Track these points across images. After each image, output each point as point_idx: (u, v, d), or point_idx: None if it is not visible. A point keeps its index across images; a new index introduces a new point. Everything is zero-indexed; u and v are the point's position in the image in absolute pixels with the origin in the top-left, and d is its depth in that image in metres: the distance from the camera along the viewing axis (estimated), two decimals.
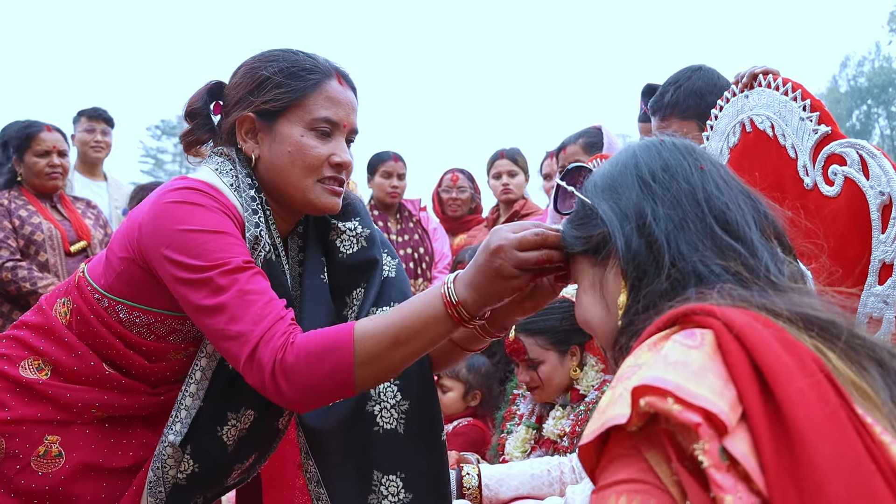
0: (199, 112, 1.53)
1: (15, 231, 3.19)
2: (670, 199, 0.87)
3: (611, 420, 0.68)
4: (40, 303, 1.53)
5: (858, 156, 1.48)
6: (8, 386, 1.43)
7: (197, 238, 1.32)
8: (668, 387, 0.65)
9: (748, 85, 1.80)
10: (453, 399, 2.73)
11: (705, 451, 0.62)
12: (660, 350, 0.72)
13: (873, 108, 39.90)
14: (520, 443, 2.28)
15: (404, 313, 1.27)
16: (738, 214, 0.87)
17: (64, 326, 1.46)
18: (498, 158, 4.00)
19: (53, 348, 1.45)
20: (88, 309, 1.45)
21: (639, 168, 0.91)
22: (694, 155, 0.92)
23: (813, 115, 1.60)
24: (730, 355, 0.69)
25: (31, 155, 3.30)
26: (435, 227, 3.98)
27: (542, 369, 2.22)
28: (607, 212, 0.90)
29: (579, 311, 0.97)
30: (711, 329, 0.72)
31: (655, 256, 0.84)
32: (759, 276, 0.83)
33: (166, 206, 1.36)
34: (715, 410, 0.63)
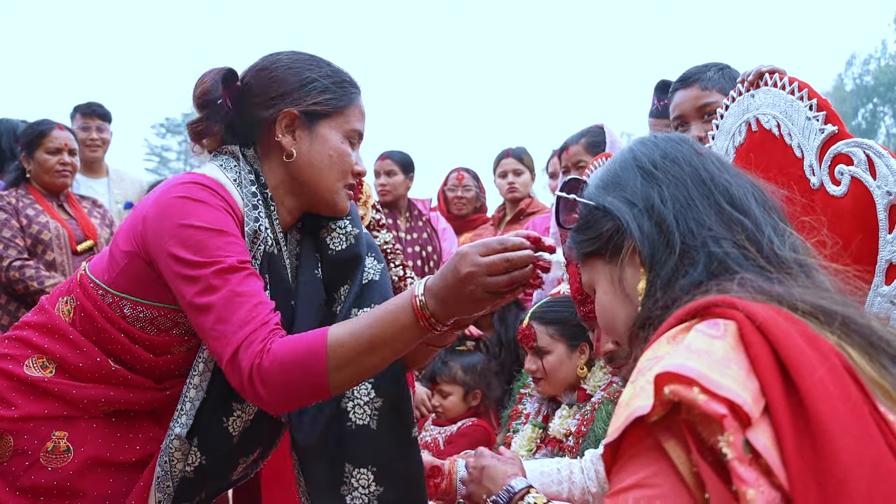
0: (213, 101, 1.52)
1: (22, 230, 3.19)
2: (674, 182, 0.88)
3: (634, 412, 0.67)
4: (42, 303, 1.54)
5: (865, 155, 1.48)
6: (13, 385, 1.45)
7: (197, 234, 1.35)
8: (692, 375, 0.64)
9: (754, 84, 1.80)
10: (455, 402, 2.73)
11: (729, 444, 0.62)
12: (681, 341, 0.71)
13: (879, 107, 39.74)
14: (525, 441, 2.28)
15: (376, 320, 1.32)
16: (739, 190, 0.88)
17: (68, 325, 1.48)
18: (504, 157, 4.00)
19: (58, 346, 1.47)
20: (93, 306, 1.46)
21: (638, 160, 0.93)
22: (689, 143, 0.95)
23: (819, 114, 1.59)
24: (752, 347, 0.68)
25: (42, 152, 3.30)
26: (444, 228, 3.98)
27: (547, 359, 2.22)
28: (614, 202, 0.91)
29: (603, 314, 0.96)
30: (734, 321, 0.71)
31: (666, 237, 0.85)
32: (763, 248, 0.83)
33: (171, 199, 1.39)
34: (739, 402, 0.63)
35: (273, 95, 1.52)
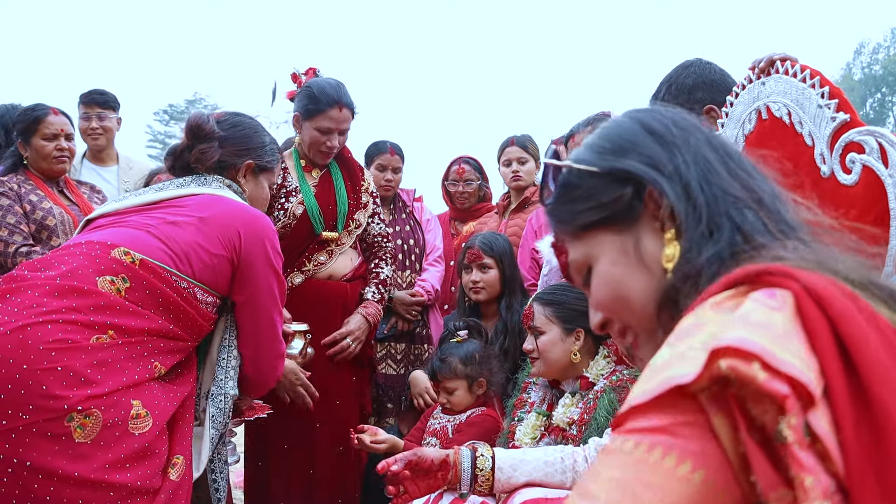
0: (212, 136, 2.10)
1: (26, 216, 3.15)
2: (691, 148, 0.84)
3: (673, 379, 0.61)
4: (77, 286, 1.60)
5: (878, 144, 1.46)
6: (86, 362, 1.52)
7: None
8: (754, 349, 0.59)
9: (765, 71, 1.78)
10: (462, 396, 2.72)
11: (791, 426, 0.57)
12: (730, 309, 0.66)
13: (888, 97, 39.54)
14: (530, 429, 2.28)
15: None
16: (746, 159, 0.86)
17: (122, 299, 1.65)
18: (508, 146, 3.96)
19: (117, 318, 1.62)
20: (167, 287, 1.73)
21: (648, 125, 0.87)
22: (690, 116, 0.91)
23: (831, 102, 1.58)
24: (811, 322, 0.63)
25: (38, 138, 3.24)
26: (429, 219, 3.90)
27: (541, 339, 2.26)
28: (639, 167, 0.84)
29: (609, 289, 0.87)
30: (791, 291, 0.66)
31: (693, 202, 0.80)
32: (773, 212, 0.80)
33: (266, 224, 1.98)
34: (804, 381, 0.58)
35: (243, 148, 2.10)
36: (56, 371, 1.47)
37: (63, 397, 1.46)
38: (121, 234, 1.77)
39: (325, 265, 2.94)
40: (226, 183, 2.03)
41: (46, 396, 1.45)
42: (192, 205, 1.89)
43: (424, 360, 3.42)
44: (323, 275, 2.94)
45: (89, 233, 1.83)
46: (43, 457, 1.44)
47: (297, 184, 2.94)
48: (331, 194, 2.98)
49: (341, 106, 2.86)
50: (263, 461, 2.90)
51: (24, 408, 1.44)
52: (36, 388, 1.45)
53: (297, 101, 2.96)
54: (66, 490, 1.45)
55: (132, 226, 1.81)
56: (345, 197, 2.98)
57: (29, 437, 1.43)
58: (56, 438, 1.45)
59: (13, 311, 1.52)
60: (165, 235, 1.78)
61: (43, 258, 1.72)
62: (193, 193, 1.94)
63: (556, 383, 2.34)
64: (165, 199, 1.92)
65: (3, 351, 1.46)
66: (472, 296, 3.06)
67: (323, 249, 2.94)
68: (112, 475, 1.50)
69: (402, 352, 3.46)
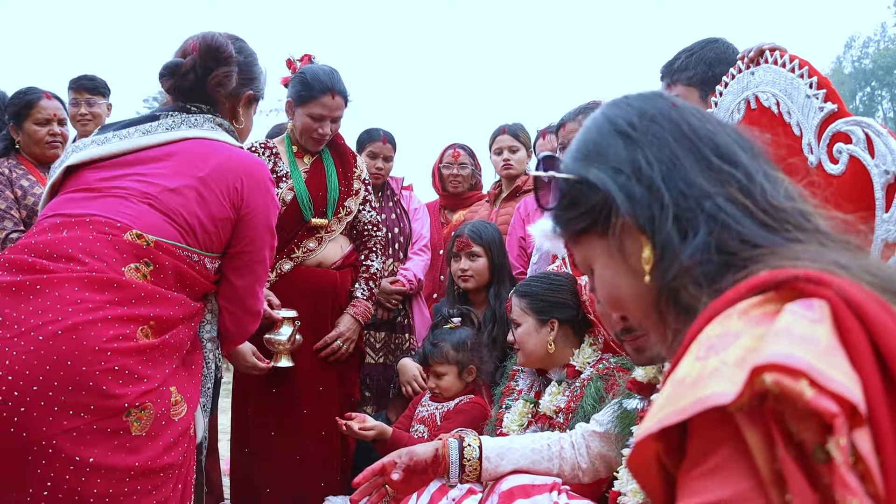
0: (229, 59, 1.96)
1: (17, 201, 3.11)
2: (656, 142, 0.82)
3: (711, 399, 0.58)
4: (112, 278, 1.58)
5: (864, 134, 1.47)
6: (139, 360, 1.55)
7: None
8: (801, 366, 0.56)
9: (754, 61, 1.78)
10: (451, 381, 2.73)
11: (839, 447, 0.54)
12: (763, 320, 0.63)
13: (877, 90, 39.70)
14: (517, 417, 2.30)
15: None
16: (724, 139, 0.83)
17: (151, 285, 1.65)
18: (499, 134, 3.95)
19: (156, 309, 1.63)
20: (183, 264, 1.73)
21: (614, 123, 0.86)
22: (663, 97, 0.89)
23: (819, 92, 1.58)
24: (850, 334, 0.60)
25: (30, 123, 3.21)
26: (416, 207, 3.87)
27: (518, 331, 2.30)
28: (597, 173, 0.84)
29: (605, 291, 0.89)
30: (826, 301, 0.62)
31: (659, 200, 0.79)
32: (757, 199, 0.78)
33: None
34: (854, 400, 0.55)
35: (249, 77, 1.99)
36: (114, 371, 1.49)
37: (121, 395, 1.49)
38: (125, 210, 1.69)
39: (314, 252, 2.93)
40: (216, 122, 1.90)
41: (106, 396, 1.47)
42: (188, 157, 1.79)
43: (405, 350, 3.42)
44: (312, 262, 2.93)
45: (86, 200, 1.71)
46: (104, 453, 1.47)
47: (287, 169, 2.93)
48: (322, 181, 2.96)
49: (334, 93, 2.85)
50: (250, 448, 2.90)
51: (84, 408, 1.45)
52: (96, 388, 1.47)
53: (291, 88, 2.94)
54: (124, 483, 1.49)
55: (133, 196, 1.71)
56: (336, 184, 2.97)
57: (90, 434, 1.46)
58: (115, 434, 1.49)
59: (56, 307, 1.49)
60: (169, 209, 1.72)
61: (51, 241, 1.61)
62: (185, 137, 1.82)
63: (544, 371, 2.35)
64: (156, 146, 1.80)
65: (58, 353, 1.45)
66: (461, 284, 3.06)
67: (312, 236, 2.93)
68: (162, 461, 1.56)
69: (381, 340, 3.45)
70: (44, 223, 1.68)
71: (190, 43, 1.91)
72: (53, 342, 1.45)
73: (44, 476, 1.42)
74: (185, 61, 1.88)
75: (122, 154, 1.79)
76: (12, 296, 1.50)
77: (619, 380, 2.04)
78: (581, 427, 1.93)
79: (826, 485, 0.55)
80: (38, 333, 1.46)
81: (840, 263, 0.68)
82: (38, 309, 1.49)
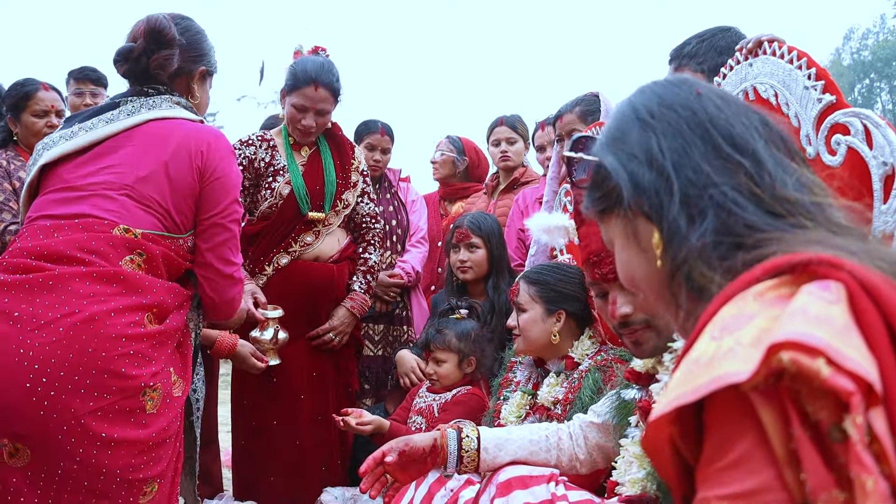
0: (171, 41, 1.98)
1: (15, 193, 3.08)
2: (671, 130, 0.84)
3: (726, 377, 0.59)
4: (116, 272, 1.71)
5: (863, 125, 1.47)
6: (149, 343, 1.71)
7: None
8: (818, 344, 0.56)
9: (752, 52, 1.78)
10: (450, 370, 2.73)
11: (856, 425, 0.54)
12: (778, 301, 0.64)
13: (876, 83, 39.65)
14: (515, 408, 2.30)
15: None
16: (741, 128, 0.83)
17: (145, 274, 1.77)
18: (497, 125, 3.94)
19: (159, 297, 1.76)
20: (173, 254, 1.84)
21: (636, 110, 0.89)
22: (688, 83, 0.90)
23: (818, 83, 1.58)
24: (865, 315, 0.60)
25: (28, 114, 3.19)
26: (414, 199, 3.87)
27: (523, 316, 2.29)
28: (611, 161, 0.87)
29: (622, 271, 0.92)
30: (842, 283, 0.63)
31: (670, 189, 0.81)
32: (766, 187, 0.79)
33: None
34: (870, 378, 0.55)
35: (198, 54, 2.05)
36: (129, 355, 1.65)
37: (138, 376, 1.65)
38: (109, 206, 1.79)
39: (311, 246, 2.92)
40: (174, 101, 1.97)
41: (125, 377, 1.63)
42: (151, 140, 1.87)
43: (404, 342, 3.42)
44: (309, 256, 2.93)
45: (71, 202, 1.80)
46: (124, 430, 1.63)
47: (284, 163, 2.93)
48: (319, 174, 2.95)
49: (317, 85, 2.82)
50: (250, 438, 2.92)
51: (108, 389, 1.61)
52: (116, 371, 1.62)
53: (285, 77, 2.94)
54: (140, 455, 1.66)
55: (113, 190, 1.80)
56: (333, 177, 2.96)
57: (112, 413, 1.62)
58: (133, 412, 1.65)
59: (72, 300, 1.63)
60: (144, 197, 1.82)
61: (47, 245, 1.71)
62: (146, 120, 1.90)
63: (542, 363, 2.36)
64: (120, 132, 1.88)
65: (79, 341, 1.60)
66: (460, 275, 3.06)
67: (310, 230, 2.93)
68: (166, 433, 1.73)
69: (380, 333, 3.45)
70: (35, 225, 1.78)
71: (138, 26, 1.97)
72: (74, 332, 1.60)
73: (73, 452, 1.58)
74: (136, 45, 1.94)
75: (90, 146, 1.87)
76: (25, 292, 1.63)
77: (617, 371, 2.04)
78: (579, 418, 1.93)
79: (841, 464, 0.55)
80: (57, 325, 1.60)
81: (850, 249, 0.69)
82: (53, 303, 1.62)
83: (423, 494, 2.07)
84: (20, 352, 1.56)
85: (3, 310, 1.61)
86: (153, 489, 1.71)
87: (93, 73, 3.98)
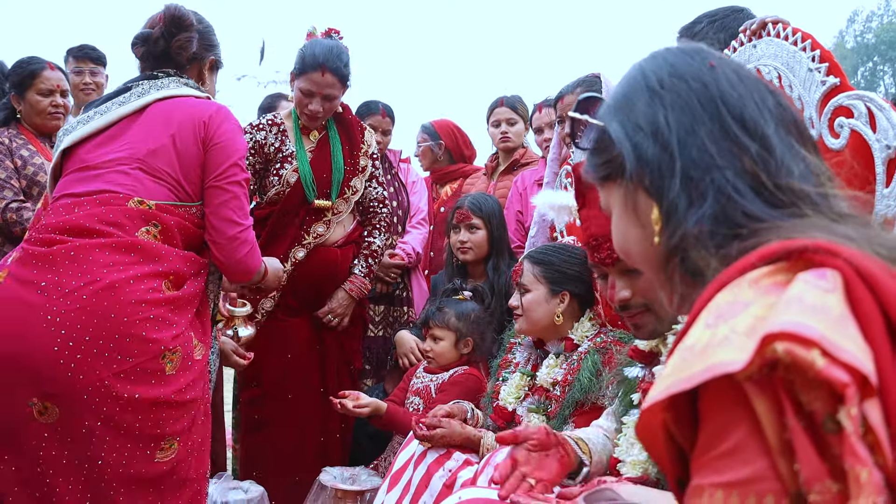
0: (189, 26, 2.13)
1: (17, 171, 3.09)
2: (680, 103, 0.81)
3: (720, 367, 0.58)
4: (134, 242, 1.83)
5: (866, 108, 1.46)
6: (168, 308, 1.82)
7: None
8: (813, 336, 0.55)
9: (756, 33, 1.77)
10: (446, 347, 2.73)
11: (850, 417, 0.54)
12: (773, 289, 0.63)
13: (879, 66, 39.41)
14: (514, 389, 2.30)
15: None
16: (753, 108, 0.80)
17: (163, 245, 1.88)
18: (497, 106, 3.92)
19: (176, 265, 1.88)
20: (188, 222, 1.96)
21: (646, 78, 0.85)
22: (702, 54, 0.86)
23: (822, 66, 1.57)
24: (862, 304, 0.60)
25: (33, 93, 3.18)
26: (414, 181, 3.86)
27: (527, 297, 2.28)
28: (616, 128, 0.84)
29: (617, 239, 0.90)
30: (838, 271, 0.62)
31: (671, 164, 0.78)
32: (770, 173, 0.76)
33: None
34: (865, 371, 0.55)
35: (209, 44, 2.21)
36: (150, 319, 1.77)
37: (158, 340, 1.77)
38: (124, 181, 1.91)
39: (323, 236, 2.94)
40: (182, 82, 2.10)
41: (147, 341, 1.75)
42: (159, 117, 1.99)
43: (404, 323, 3.43)
44: (319, 243, 2.95)
45: (89, 180, 1.93)
46: (146, 390, 1.75)
47: (293, 149, 2.92)
48: (326, 161, 2.95)
49: (324, 70, 2.80)
50: (249, 419, 2.95)
51: (130, 352, 1.73)
52: (137, 335, 1.74)
53: (295, 59, 2.92)
54: (160, 413, 1.78)
55: (127, 165, 1.92)
56: (341, 164, 2.96)
57: (134, 375, 1.74)
58: (153, 374, 1.77)
59: (93, 269, 1.75)
60: (156, 170, 1.94)
61: (69, 220, 1.84)
62: (155, 99, 2.02)
63: (541, 344, 2.36)
64: (132, 113, 2.01)
65: (102, 308, 1.72)
66: (460, 256, 3.06)
67: (320, 220, 2.94)
68: (186, 395, 1.84)
69: (380, 314, 3.45)
70: (57, 204, 1.92)
71: (156, 15, 2.14)
72: (96, 299, 1.72)
73: (98, 411, 1.70)
74: (154, 30, 2.10)
75: (106, 128, 2.01)
76: (50, 263, 1.76)
77: (617, 354, 2.04)
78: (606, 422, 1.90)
79: (835, 455, 0.55)
80: (81, 293, 1.72)
81: (849, 236, 0.68)
82: (76, 273, 1.75)
83: (421, 474, 2.08)
84: (47, 318, 1.69)
85: (30, 280, 1.74)
86: (172, 446, 1.82)
87: (92, 51, 3.99)
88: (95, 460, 1.72)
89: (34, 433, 1.70)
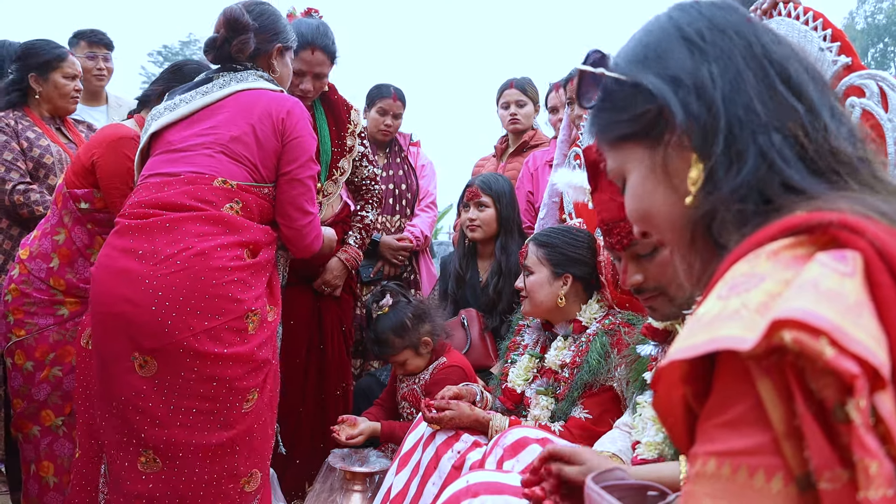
0: (246, 26, 2.29)
1: (23, 153, 3.10)
2: (723, 57, 0.75)
3: (726, 342, 0.56)
4: (220, 215, 2.04)
5: (878, 88, 1.45)
6: (249, 273, 2.04)
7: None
8: (823, 326, 0.53)
9: (767, 13, 1.76)
10: (414, 361, 2.69)
11: (859, 409, 0.52)
12: (792, 264, 0.60)
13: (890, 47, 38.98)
14: (522, 371, 2.31)
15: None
16: (797, 67, 0.75)
17: (244, 219, 2.09)
18: (507, 88, 3.91)
19: (254, 236, 2.09)
20: (259, 198, 2.15)
21: (682, 29, 0.79)
22: (735, 9, 0.80)
23: (833, 45, 1.56)
24: (881, 290, 0.57)
25: (59, 75, 3.21)
26: (424, 164, 3.86)
27: (530, 279, 2.30)
28: (655, 82, 0.77)
29: (636, 203, 0.82)
30: (860, 252, 0.59)
31: (716, 124, 0.73)
32: (817, 137, 0.72)
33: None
34: (875, 363, 0.52)
35: (273, 33, 2.35)
36: (235, 282, 1.99)
37: (244, 300, 2.00)
38: (209, 163, 2.12)
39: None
40: (258, 74, 2.30)
41: (233, 300, 1.98)
42: (240, 108, 2.20)
43: (366, 375, 3.43)
44: None
45: (177, 161, 2.13)
46: (231, 347, 1.96)
47: None
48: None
49: (314, 48, 2.80)
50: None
51: (218, 311, 1.95)
52: (225, 296, 1.96)
53: None
54: (240, 368, 1.98)
55: (211, 149, 2.13)
56: (328, 146, 2.97)
57: (222, 332, 1.96)
58: (238, 332, 1.98)
59: (186, 238, 1.98)
60: (237, 154, 2.14)
61: (160, 197, 2.05)
62: (236, 91, 2.23)
63: (550, 326, 2.36)
64: (214, 102, 2.22)
65: (194, 272, 1.94)
66: (469, 233, 3.08)
67: None
68: (261, 354, 2.04)
69: None
70: (147, 182, 2.13)
71: (219, 20, 2.32)
72: (189, 264, 1.95)
73: (190, 365, 1.92)
74: (218, 36, 2.28)
75: (190, 114, 2.22)
76: (146, 233, 1.99)
77: (625, 336, 2.04)
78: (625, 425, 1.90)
79: (845, 443, 0.54)
80: (175, 259, 1.95)
81: (880, 210, 0.64)
82: (170, 241, 1.97)
83: (430, 456, 2.10)
84: (146, 282, 1.92)
85: (129, 248, 1.97)
86: (254, 397, 2.03)
87: (105, 37, 4.09)
88: (190, 409, 1.93)
89: (137, 385, 1.92)
